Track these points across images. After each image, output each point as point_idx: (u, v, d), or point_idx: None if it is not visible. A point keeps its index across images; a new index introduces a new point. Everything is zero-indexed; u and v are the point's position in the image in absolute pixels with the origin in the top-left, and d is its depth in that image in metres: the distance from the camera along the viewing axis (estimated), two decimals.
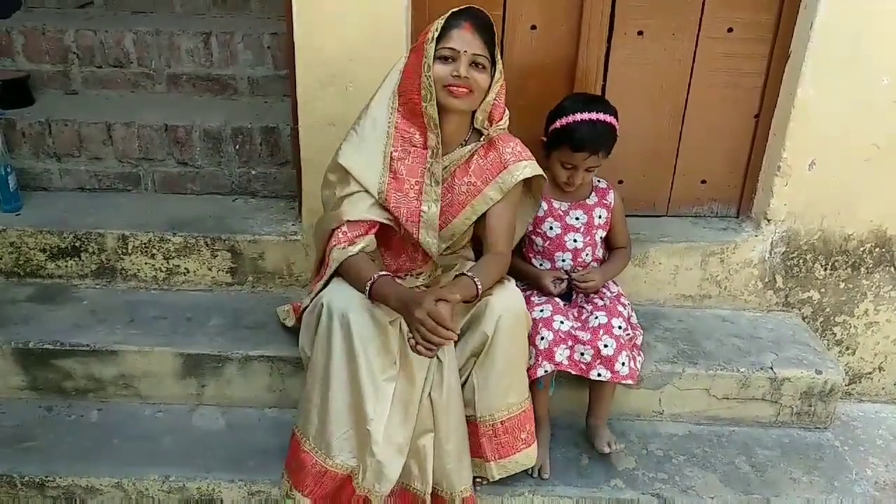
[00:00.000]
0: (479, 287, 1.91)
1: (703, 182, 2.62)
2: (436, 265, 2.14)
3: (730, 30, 2.40)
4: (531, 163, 2.08)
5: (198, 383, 2.32)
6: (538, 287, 2.26)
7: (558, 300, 2.23)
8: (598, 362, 2.10)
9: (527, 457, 2.09)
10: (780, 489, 2.18)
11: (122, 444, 2.20)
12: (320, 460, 1.94)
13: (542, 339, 2.10)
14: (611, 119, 2.19)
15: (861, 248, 2.56)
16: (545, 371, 2.08)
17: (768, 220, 2.52)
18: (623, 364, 2.10)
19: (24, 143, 2.69)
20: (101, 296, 2.51)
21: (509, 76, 2.01)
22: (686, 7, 2.37)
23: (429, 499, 2.00)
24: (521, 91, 2.39)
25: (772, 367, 2.35)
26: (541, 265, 2.34)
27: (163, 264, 2.53)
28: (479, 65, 1.92)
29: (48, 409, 2.31)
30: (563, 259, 2.32)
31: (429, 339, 1.74)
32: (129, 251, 2.51)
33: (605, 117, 2.18)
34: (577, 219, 2.31)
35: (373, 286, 1.85)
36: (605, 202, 2.35)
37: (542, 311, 2.16)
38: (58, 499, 2.11)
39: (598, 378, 2.11)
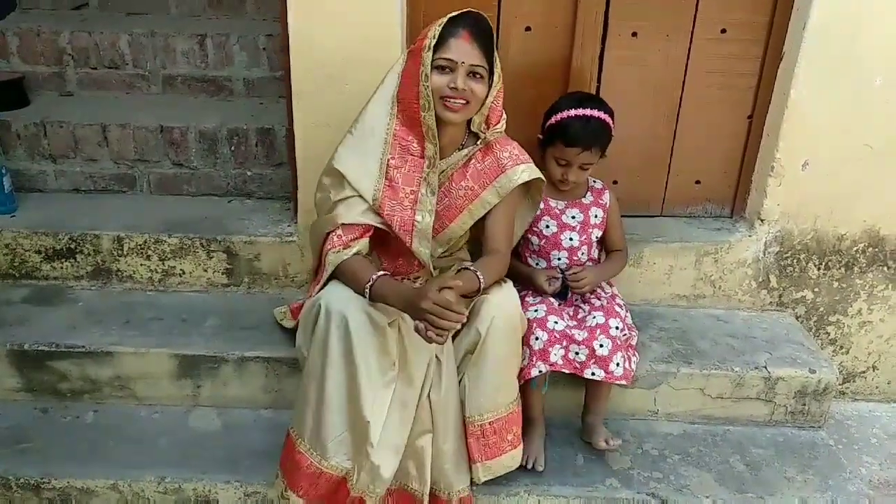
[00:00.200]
0: (482, 281, 1.91)
1: (698, 182, 2.63)
2: (431, 272, 2.14)
3: (723, 31, 2.40)
4: (529, 166, 2.07)
5: (193, 384, 2.32)
6: (533, 286, 2.27)
7: (553, 300, 2.23)
8: (592, 362, 2.11)
9: (512, 458, 2.09)
10: (775, 488, 2.18)
11: (118, 445, 2.20)
12: (315, 461, 1.94)
13: (537, 339, 2.10)
14: (604, 116, 2.19)
15: (854, 248, 2.57)
16: (539, 371, 2.09)
17: (762, 220, 2.52)
18: (617, 364, 2.11)
19: (20, 145, 2.69)
20: (96, 297, 2.50)
21: (504, 77, 2.01)
22: (680, 8, 2.38)
23: (426, 499, 2.01)
24: (515, 92, 2.38)
25: (766, 367, 2.36)
26: (536, 264, 2.35)
27: (158, 266, 2.53)
28: (477, 75, 1.90)
29: (44, 410, 2.31)
30: (559, 258, 2.32)
31: (438, 325, 1.72)
32: (125, 252, 2.50)
33: (599, 114, 2.18)
34: (573, 217, 2.32)
35: (372, 287, 1.85)
36: (601, 202, 2.36)
37: (536, 311, 2.17)
38: (53, 500, 2.11)
39: (593, 378, 2.12)
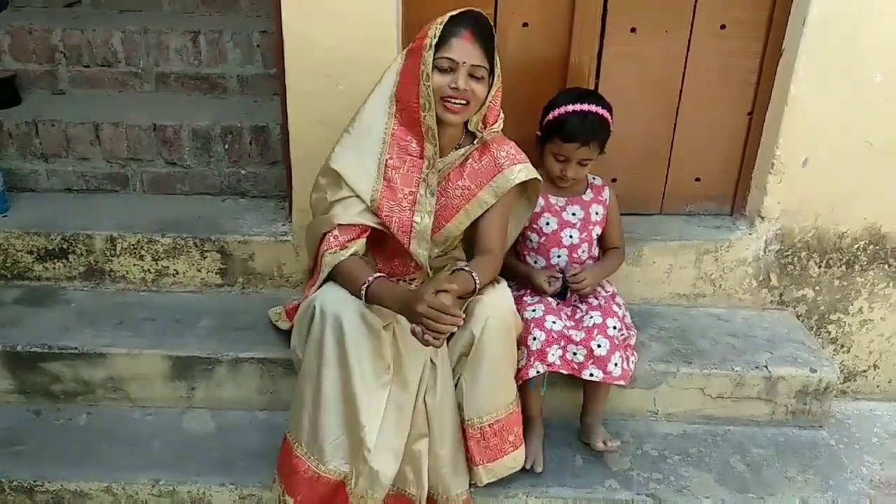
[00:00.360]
0: (477, 281, 1.89)
1: (697, 180, 2.61)
2: (428, 272, 2.11)
3: (723, 27, 2.38)
4: (526, 166, 2.05)
5: (188, 386, 2.30)
6: (532, 286, 2.25)
7: (551, 299, 2.21)
8: (590, 362, 2.09)
9: (514, 460, 2.08)
10: (776, 488, 2.17)
11: (112, 447, 2.18)
12: (313, 466, 1.92)
13: (535, 339, 2.08)
14: (602, 111, 2.18)
15: (855, 246, 2.56)
16: (537, 372, 2.07)
17: (762, 218, 2.51)
18: (616, 365, 2.09)
19: (11, 144, 2.66)
20: (89, 298, 2.48)
21: (502, 74, 1.99)
22: (679, 4, 2.36)
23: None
24: (513, 89, 2.36)
25: (766, 366, 2.34)
26: (535, 262, 2.33)
27: (151, 266, 2.51)
28: (478, 76, 1.88)
29: (36, 412, 2.29)
30: (559, 255, 2.30)
31: (434, 328, 1.71)
32: (118, 253, 2.48)
33: (596, 109, 2.16)
34: (573, 214, 2.30)
35: (368, 288, 1.83)
36: (601, 199, 2.34)
37: (533, 311, 2.15)
38: (47, 503, 2.09)
39: (591, 378, 2.10)
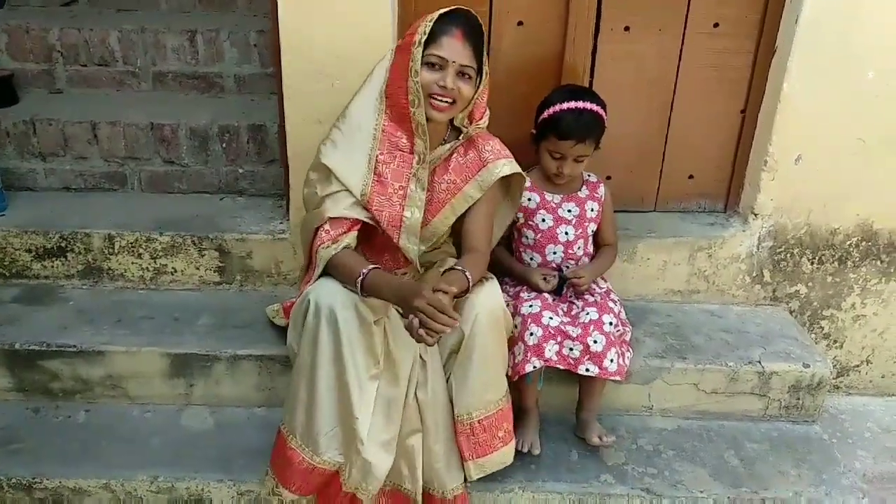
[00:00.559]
0: (470, 280, 1.90)
1: (691, 177, 2.62)
2: (418, 268, 2.12)
3: (716, 25, 2.40)
4: (510, 161, 2.07)
5: (186, 383, 2.31)
6: (528, 284, 2.26)
7: (547, 296, 2.23)
8: (586, 358, 2.11)
9: (504, 455, 2.08)
10: (769, 483, 2.19)
11: (110, 445, 2.19)
12: (307, 457, 1.94)
13: (532, 334, 2.10)
14: (596, 108, 2.19)
15: (847, 242, 2.57)
16: (534, 367, 2.09)
17: (755, 215, 2.52)
18: (612, 360, 2.11)
19: (9, 143, 2.67)
20: (87, 296, 2.49)
21: (496, 73, 2.00)
22: (673, 2, 2.37)
23: (420, 499, 2.00)
24: (508, 87, 2.38)
25: (760, 362, 2.36)
26: (531, 259, 2.34)
27: (150, 264, 2.51)
28: (466, 75, 1.89)
29: (35, 410, 2.30)
30: (555, 252, 2.31)
31: (430, 326, 1.71)
32: (116, 251, 2.49)
33: (591, 106, 2.18)
34: (569, 211, 2.31)
35: (364, 279, 1.84)
36: (596, 195, 2.35)
37: (531, 306, 2.16)
38: (45, 501, 2.10)
39: (587, 373, 2.11)
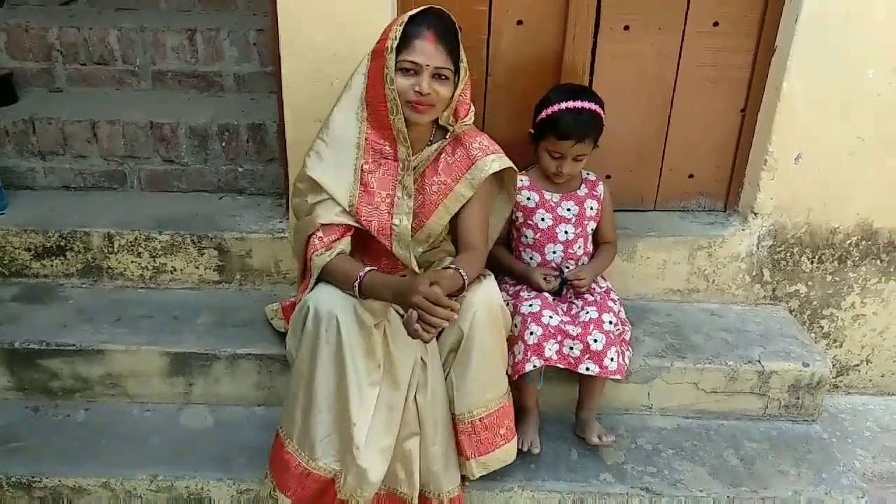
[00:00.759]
0: (466, 279, 1.89)
1: (691, 176, 2.62)
2: (416, 270, 2.10)
3: (716, 24, 2.40)
4: (499, 156, 2.05)
5: (185, 382, 2.31)
6: (529, 284, 2.26)
7: (547, 295, 2.23)
8: (586, 357, 2.11)
9: (506, 453, 2.08)
10: (769, 482, 2.19)
11: (110, 443, 2.19)
12: (303, 462, 1.93)
13: (532, 334, 2.10)
14: (594, 107, 2.19)
15: (847, 242, 2.57)
16: (534, 366, 2.08)
17: (755, 214, 2.52)
18: (612, 359, 2.11)
19: (8, 142, 2.67)
20: (87, 295, 2.49)
21: (496, 72, 1.99)
22: (672, 1, 2.37)
23: (416, 502, 1.99)
24: (507, 87, 2.38)
25: (759, 361, 2.36)
26: (530, 258, 2.34)
27: (149, 263, 2.51)
28: (443, 76, 1.87)
29: (34, 409, 2.30)
30: (554, 251, 2.31)
31: (428, 320, 1.71)
32: (115, 250, 2.49)
33: (589, 105, 2.18)
34: (568, 210, 2.31)
35: (362, 282, 1.83)
36: (596, 194, 2.35)
37: (531, 305, 2.16)
38: (45, 499, 2.10)
39: (587, 372, 2.11)
